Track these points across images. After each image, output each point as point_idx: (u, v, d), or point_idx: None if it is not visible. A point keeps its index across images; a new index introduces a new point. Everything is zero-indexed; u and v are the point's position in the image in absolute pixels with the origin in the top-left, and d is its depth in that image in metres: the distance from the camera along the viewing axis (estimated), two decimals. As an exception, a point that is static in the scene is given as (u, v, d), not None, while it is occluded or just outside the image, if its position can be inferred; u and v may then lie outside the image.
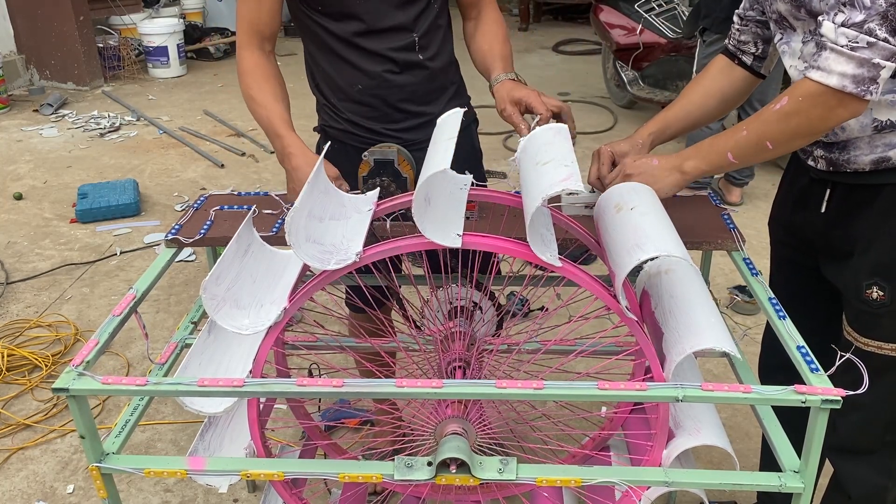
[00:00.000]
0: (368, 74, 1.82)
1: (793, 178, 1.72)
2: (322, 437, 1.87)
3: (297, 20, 1.87)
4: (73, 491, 2.37)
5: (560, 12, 8.99)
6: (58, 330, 3.19)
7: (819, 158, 1.57)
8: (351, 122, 1.90)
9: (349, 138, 1.91)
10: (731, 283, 3.38)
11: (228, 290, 1.32)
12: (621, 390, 1.29)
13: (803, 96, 1.37)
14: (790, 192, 1.73)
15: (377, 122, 1.88)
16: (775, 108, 1.42)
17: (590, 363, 2.01)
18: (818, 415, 1.30)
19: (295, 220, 1.24)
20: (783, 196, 1.78)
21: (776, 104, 1.42)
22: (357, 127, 1.89)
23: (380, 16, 1.76)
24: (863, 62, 1.30)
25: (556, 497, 1.80)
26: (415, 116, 1.87)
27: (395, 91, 1.84)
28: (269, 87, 1.77)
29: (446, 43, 1.91)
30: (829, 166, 1.55)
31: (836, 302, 1.65)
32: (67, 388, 1.33)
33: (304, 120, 2.19)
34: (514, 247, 1.33)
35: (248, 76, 1.78)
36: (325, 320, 1.91)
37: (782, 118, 1.41)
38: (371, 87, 1.83)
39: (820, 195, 1.60)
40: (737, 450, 1.50)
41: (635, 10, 5.12)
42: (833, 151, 1.53)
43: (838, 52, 1.31)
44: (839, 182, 1.56)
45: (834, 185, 1.57)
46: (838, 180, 1.56)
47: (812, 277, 1.71)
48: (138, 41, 7.09)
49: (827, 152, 1.54)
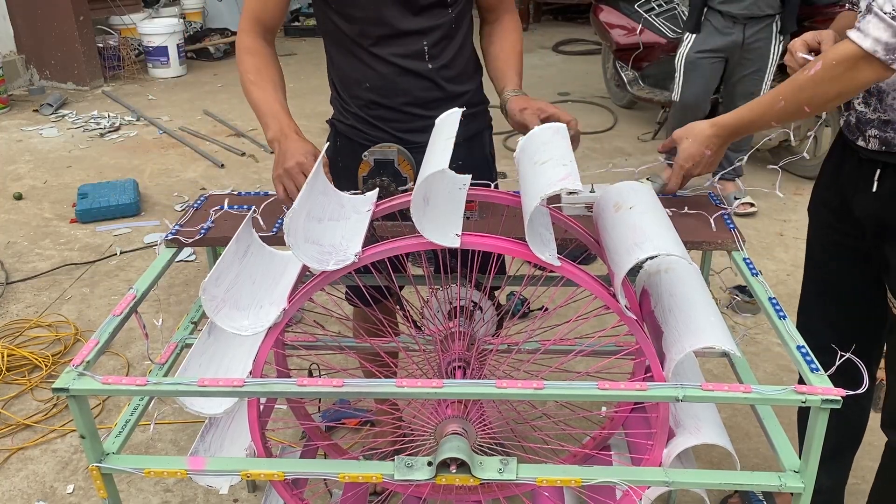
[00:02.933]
0: (377, 74, 1.82)
1: (839, 162, 1.74)
2: (322, 437, 1.87)
3: (315, 11, 1.88)
4: (73, 491, 2.37)
5: (560, 12, 8.98)
6: (58, 330, 3.19)
7: (872, 138, 1.59)
8: (358, 118, 1.90)
9: (355, 134, 1.91)
10: (731, 283, 3.38)
11: (228, 292, 1.32)
12: (621, 390, 1.29)
13: (837, 60, 1.42)
14: (837, 175, 1.74)
15: (382, 121, 1.88)
16: (809, 73, 1.46)
17: (590, 362, 2.01)
18: (818, 415, 1.30)
19: (294, 220, 1.24)
20: (829, 180, 1.79)
21: (810, 69, 1.47)
22: (363, 123, 1.89)
23: (389, 21, 1.75)
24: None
25: (557, 497, 1.80)
26: (420, 119, 1.86)
27: (402, 95, 1.84)
28: (267, 72, 1.77)
29: (462, 53, 1.87)
30: (882, 146, 1.58)
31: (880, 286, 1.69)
32: (67, 388, 1.33)
33: (303, 120, 2.20)
34: (514, 246, 1.33)
35: (248, 56, 1.78)
36: (325, 321, 1.91)
37: (818, 83, 1.46)
38: (378, 87, 1.83)
39: (870, 176, 1.62)
40: (737, 450, 1.50)
41: (635, 10, 5.11)
42: (888, 131, 1.56)
43: (880, 18, 1.36)
44: (890, 163, 1.59)
45: (885, 166, 1.60)
46: (890, 161, 1.58)
47: (858, 261, 1.73)
48: (138, 41, 7.08)
49: (881, 131, 1.57)
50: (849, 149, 1.68)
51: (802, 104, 1.50)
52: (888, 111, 1.54)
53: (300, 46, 7.82)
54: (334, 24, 1.81)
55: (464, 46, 1.87)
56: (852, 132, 1.64)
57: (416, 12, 1.76)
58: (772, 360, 2.87)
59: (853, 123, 1.64)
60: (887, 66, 1.38)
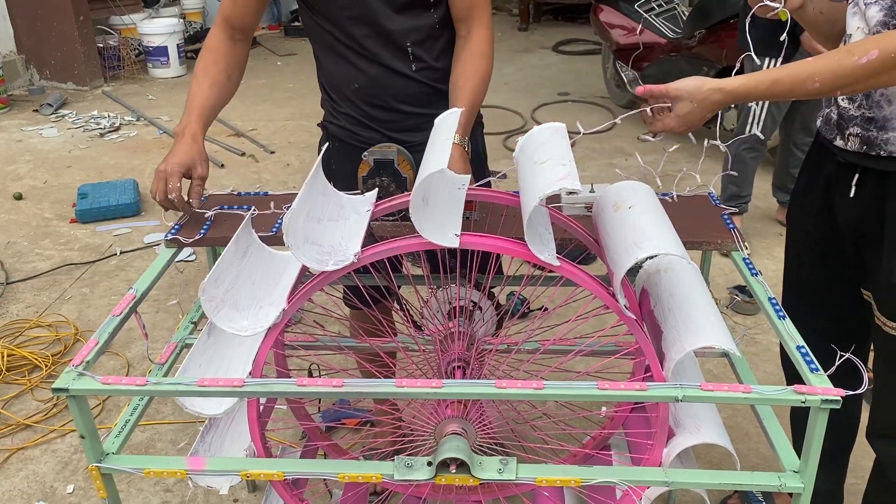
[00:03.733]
0: (364, 75, 1.82)
1: (816, 166, 1.68)
2: (322, 437, 1.87)
3: (301, 14, 1.88)
4: (73, 491, 2.37)
5: (560, 12, 8.98)
6: (58, 330, 3.19)
7: (852, 137, 1.52)
8: (349, 119, 1.90)
9: (347, 136, 1.91)
10: (731, 283, 3.38)
11: (227, 292, 1.32)
12: (621, 390, 1.29)
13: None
14: (815, 180, 1.68)
15: (374, 121, 1.87)
16: (861, 61, 1.34)
17: (589, 362, 2.01)
18: (818, 415, 1.30)
19: (293, 221, 1.24)
20: (807, 185, 1.73)
21: (862, 57, 1.34)
22: (355, 124, 1.89)
23: (372, 20, 1.75)
24: None
25: (557, 497, 1.80)
26: (412, 118, 1.86)
27: (390, 95, 1.83)
28: (213, 70, 1.84)
29: (447, 55, 1.84)
30: (863, 145, 1.50)
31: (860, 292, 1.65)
32: (67, 388, 1.33)
33: (303, 120, 2.20)
34: (513, 246, 1.33)
35: (205, 53, 1.87)
36: (325, 321, 1.91)
37: (870, 73, 1.34)
38: (366, 87, 1.83)
39: (847, 180, 1.56)
40: (737, 450, 1.50)
41: (635, 10, 5.11)
42: (871, 129, 1.49)
43: None
44: (869, 167, 1.52)
45: (864, 171, 1.53)
46: (869, 165, 1.52)
47: (838, 267, 1.69)
48: (138, 41, 7.09)
49: (864, 130, 1.50)
50: (826, 151, 1.62)
51: (840, 89, 1.38)
52: (873, 108, 1.48)
53: (300, 46, 7.82)
54: (319, 26, 1.82)
55: (447, 50, 1.84)
56: (831, 131, 1.58)
57: (397, 10, 1.75)
58: (772, 360, 2.87)
59: (833, 120, 1.57)
60: None
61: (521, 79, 6.68)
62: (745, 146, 3.59)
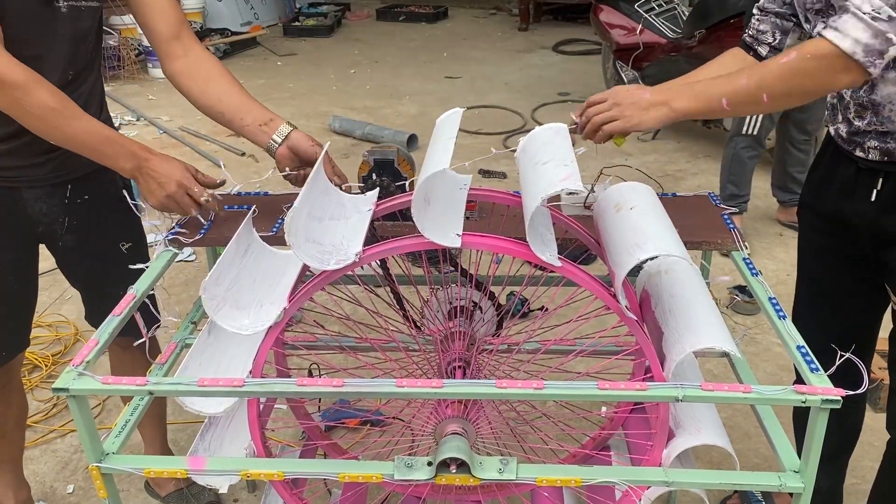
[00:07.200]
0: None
1: (831, 168, 1.69)
2: (322, 437, 1.87)
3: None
4: (73, 491, 2.37)
5: (560, 12, 8.98)
6: (58, 330, 3.19)
7: (872, 149, 1.55)
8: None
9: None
10: (730, 282, 3.38)
11: (228, 291, 1.32)
12: (621, 390, 1.29)
13: (812, 55, 1.37)
14: (831, 181, 1.69)
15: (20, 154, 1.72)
16: (781, 61, 1.41)
17: (590, 363, 2.01)
18: (818, 415, 1.30)
19: (294, 220, 1.24)
20: (820, 185, 1.73)
21: (782, 58, 1.42)
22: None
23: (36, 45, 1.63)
24: (878, 33, 1.32)
25: (556, 497, 1.80)
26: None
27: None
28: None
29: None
30: (884, 156, 1.54)
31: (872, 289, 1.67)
32: (67, 388, 1.33)
33: (303, 120, 2.20)
34: (514, 246, 1.33)
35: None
36: (325, 320, 1.91)
37: (786, 74, 1.41)
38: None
39: (870, 185, 1.58)
40: (737, 450, 1.50)
41: (635, 10, 5.11)
42: (889, 141, 1.52)
43: (859, 18, 1.32)
44: (893, 172, 1.54)
45: (887, 175, 1.55)
46: (892, 170, 1.54)
47: (853, 265, 1.70)
48: (138, 41, 7.08)
49: (881, 142, 1.53)
50: (844, 157, 1.63)
51: (763, 91, 1.42)
52: (885, 123, 1.50)
53: (300, 46, 7.82)
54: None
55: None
56: (847, 143, 1.60)
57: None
58: (772, 360, 2.87)
59: (845, 135, 1.60)
60: (864, 69, 1.34)
61: (521, 79, 6.68)
62: (743, 146, 3.62)
